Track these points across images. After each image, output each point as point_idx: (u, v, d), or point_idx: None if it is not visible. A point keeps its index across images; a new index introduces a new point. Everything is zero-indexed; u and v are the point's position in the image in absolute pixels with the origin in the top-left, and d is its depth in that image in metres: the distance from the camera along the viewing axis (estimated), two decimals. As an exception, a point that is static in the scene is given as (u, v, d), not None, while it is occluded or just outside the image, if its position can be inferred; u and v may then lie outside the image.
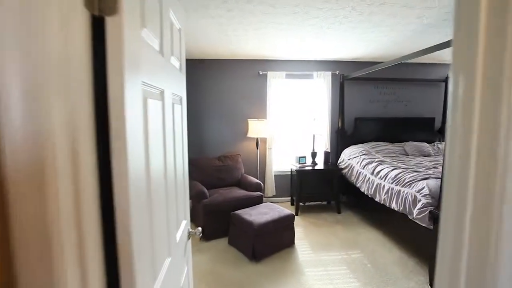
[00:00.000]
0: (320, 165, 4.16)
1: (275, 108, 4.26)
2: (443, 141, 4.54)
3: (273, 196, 4.46)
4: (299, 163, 4.14)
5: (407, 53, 2.94)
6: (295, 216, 3.86)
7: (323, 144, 4.43)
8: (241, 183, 3.77)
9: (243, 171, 3.98)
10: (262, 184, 3.58)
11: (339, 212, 4.03)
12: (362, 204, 3.82)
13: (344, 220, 3.77)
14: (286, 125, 4.48)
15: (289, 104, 4.45)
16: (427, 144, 4.17)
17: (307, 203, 4.27)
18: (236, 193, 3.42)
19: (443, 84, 4.57)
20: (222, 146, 4.32)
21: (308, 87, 4.43)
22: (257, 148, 4.12)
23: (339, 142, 4.43)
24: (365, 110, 4.52)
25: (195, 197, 3.21)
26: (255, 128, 3.95)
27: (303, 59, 4.31)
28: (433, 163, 3.42)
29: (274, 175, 4.43)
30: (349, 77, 4.16)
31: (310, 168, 4.02)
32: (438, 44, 2.44)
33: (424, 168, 3.08)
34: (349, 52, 3.85)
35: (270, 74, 4.20)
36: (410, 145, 4.09)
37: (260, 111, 4.31)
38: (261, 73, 4.22)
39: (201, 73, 4.20)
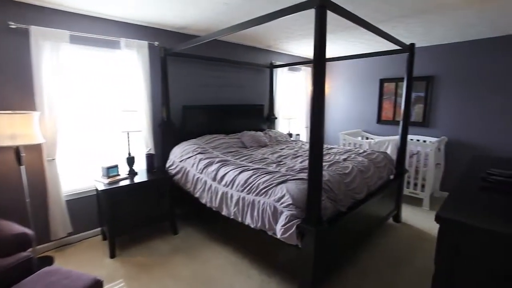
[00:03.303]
0: (142, 175, 2.92)
1: (56, 93, 2.52)
2: (272, 129, 4.50)
3: (69, 235, 2.79)
4: (109, 177, 2.71)
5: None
6: (111, 260, 2.53)
7: (144, 144, 3.19)
8: (-15, 238, 1.91)
9: (-11, 211, 2.07)
10: (31, 233, 1.91)
11: (176, 233, 3.02)
12: (204, 216, 2.98)
13: (184, 245, 2.80)
14: (80, 120, 2.86)
15: (82, 86, 2.83)
16: (262, 133, 3.91)
17: (129, 233, 2.93)
18: (-39, 270, 1.60)
19: (269, 70, 4.47)
20: None
21: (114, 62, 2.98)
22: (20, 164, 2.28)
23: (166, 139, 3.34)
24: (195, 96, 3.66)
25: None
26: (9, 129, 2.11)
27: (101, 15, 2.79)
28: (276, 155, 3.07)
29: (67, 201, 2.74)
30: (172, 51, 3.10)
31: (127, 181, 2.70)
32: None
33: (274, 165, 2.61)
34: (170, 14, 2.78)
35: (37, 31, 2.40)
36: (246, 136, 3.66)
37: (21, 98, 2.43)
38: (14, 26, 2.33)
39: None
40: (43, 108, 2.47)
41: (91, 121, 2.92)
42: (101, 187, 2.55)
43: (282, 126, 4.85)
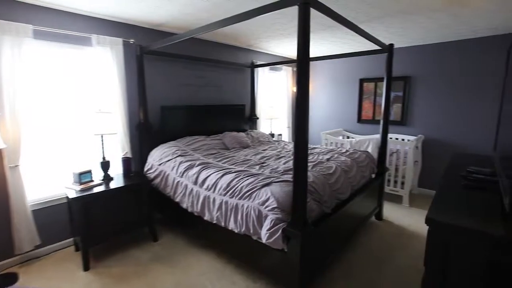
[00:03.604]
0: (118, 180, 2.75)
1: (18, 93, 2.31)
2: (254, 129, 4.43)
3: (37, 247, 2.57)
4: (81, 183, 2.53)
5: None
6: (85, 273, 2.36)
7: (120, 148, 3.01)
8: None
9: None
10: (-8, 249, 1.73)
11: (155, 240, 2.87)
12: (185, 221, 2.86)
13: (164, 252, 2.66)
14: (49, 123, 2.64)
15: (51, 86, 2.62)
16: (244, 134, 3.84)
17: (105, 242, 2.75)
18: None
19: (249, 70, 4.40)
20: None
21: (85, 60, 2.79)
22: (-22, 172, 2.07)
23: (144, 141, 3.19)
24: (174, 96, 3.52)
25: None
26: (-36, 133, 1.90)
27: (69, 9, 2.59)
28: (258, 156, 3.01)
29: (33, 210, 2.53)
30: (149, 49, 2.95)
31: (101, 187, 2.54)
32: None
33: (257, 167, 2.54)
34: (147, 10, 2.64)
35: (-6, 26, 2.18)
36: (228, 137, 3.56)
37: (-22, 98, 2.20)
38: (-31, 21, 2.10)
39: None
40: (3, 110, 2.25)
41: (61, 123, 2.71)
42: (72, 194, 2.37)
43: (264, 126, 4.80)
